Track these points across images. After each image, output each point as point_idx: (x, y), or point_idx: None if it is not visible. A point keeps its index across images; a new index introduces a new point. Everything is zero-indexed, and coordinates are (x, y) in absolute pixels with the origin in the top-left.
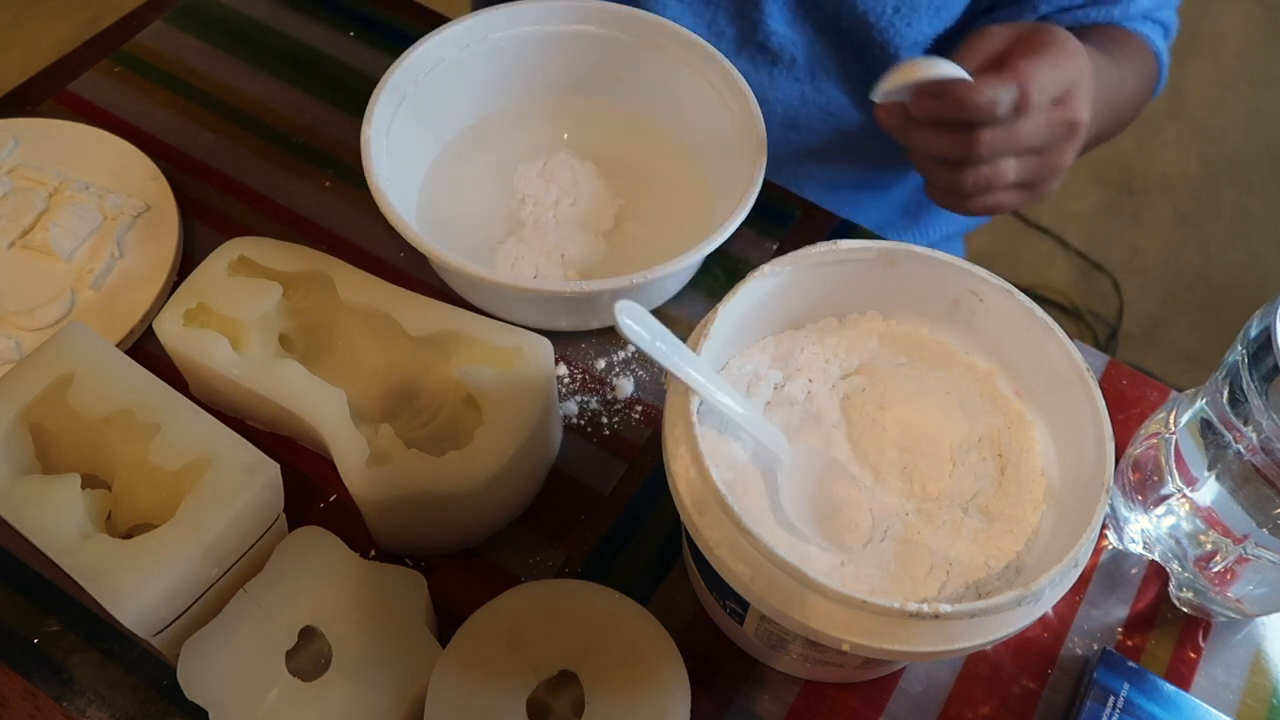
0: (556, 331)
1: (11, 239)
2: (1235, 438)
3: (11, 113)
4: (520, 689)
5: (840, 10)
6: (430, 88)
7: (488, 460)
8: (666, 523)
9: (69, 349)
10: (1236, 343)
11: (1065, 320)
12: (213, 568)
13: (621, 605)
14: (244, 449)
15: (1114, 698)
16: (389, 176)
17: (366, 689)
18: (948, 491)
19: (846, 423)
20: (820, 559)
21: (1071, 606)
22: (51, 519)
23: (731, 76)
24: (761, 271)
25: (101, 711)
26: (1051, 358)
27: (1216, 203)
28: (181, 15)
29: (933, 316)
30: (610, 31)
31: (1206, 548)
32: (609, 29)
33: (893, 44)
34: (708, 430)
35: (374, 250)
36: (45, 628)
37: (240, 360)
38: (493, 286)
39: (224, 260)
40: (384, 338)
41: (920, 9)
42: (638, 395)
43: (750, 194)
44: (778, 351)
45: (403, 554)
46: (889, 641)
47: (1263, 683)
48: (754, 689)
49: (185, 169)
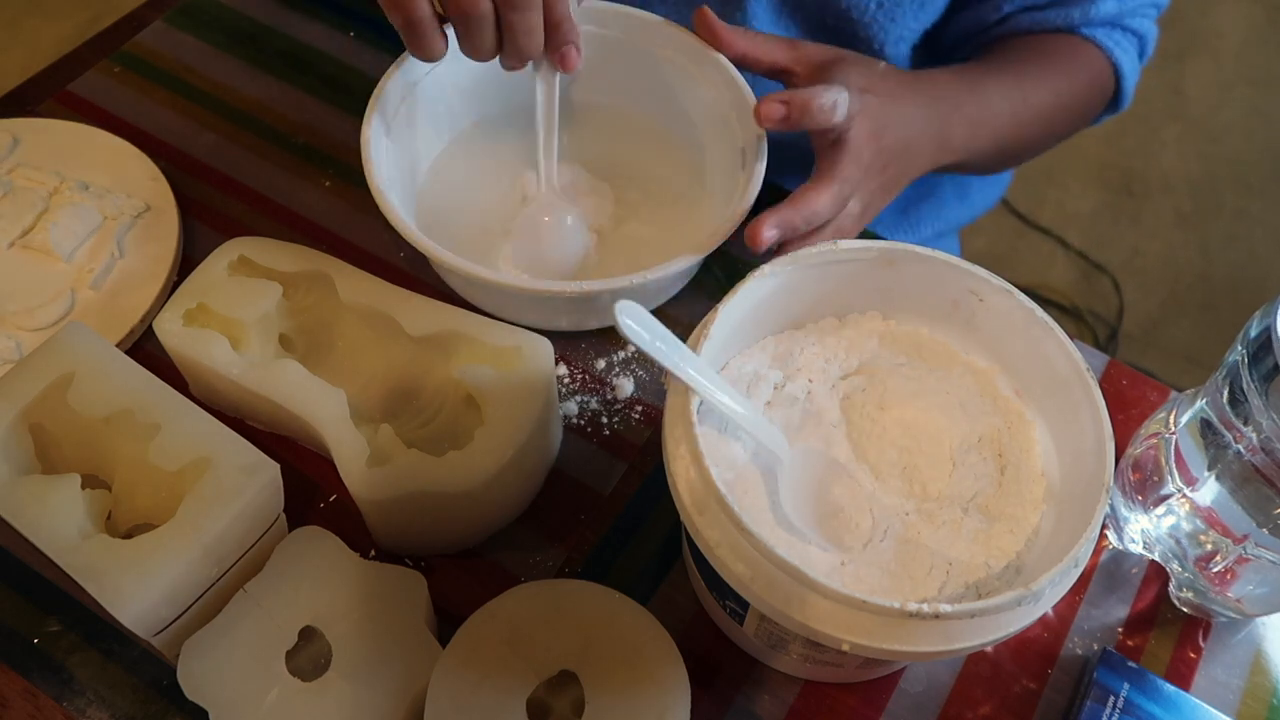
0: (556, 331)
1: (11, 239)
2: (1235, 438)
3: (11, 113)
4: (520, 689)
5: (824, 8)
6: (430, 88)
7: (488, 460)
8: (666, 523)
9: (69, 349)
10: (1236, 343)
11: (1065, 320)
12: (213, 568)
13: (621, 605)
14: (244, 449)
15: (1114, 698)
16: (389, 177)
17: (366, 689)
18: (948, 491)
19: (846, 423)
20: (820, 559)
21: (1071, 606)
22: (51, 519)
23: (730, 75)
24: (761, 271)
25: (101, 711)
26: (1051, 358)
27: (1216, 203)
28: (181, 15)
29: (933, 316)
30: (608, 31)
31: (1206, 548)
32: (607, 29)
33: (878, 40)
34: (708, 430)
35: (374, 250)
36: (45, 628)
37: (240, 360)
38: (493, 287)
39: (224, 260)
40: (384, 338)
41: (904, 5)
42: (638, 395)
43: (750, 193)
44: (778, 351)
45: (403, 554)
46: (889, 641)
47: (1263, 683)
48: (754, 689)
49: (185, 169)
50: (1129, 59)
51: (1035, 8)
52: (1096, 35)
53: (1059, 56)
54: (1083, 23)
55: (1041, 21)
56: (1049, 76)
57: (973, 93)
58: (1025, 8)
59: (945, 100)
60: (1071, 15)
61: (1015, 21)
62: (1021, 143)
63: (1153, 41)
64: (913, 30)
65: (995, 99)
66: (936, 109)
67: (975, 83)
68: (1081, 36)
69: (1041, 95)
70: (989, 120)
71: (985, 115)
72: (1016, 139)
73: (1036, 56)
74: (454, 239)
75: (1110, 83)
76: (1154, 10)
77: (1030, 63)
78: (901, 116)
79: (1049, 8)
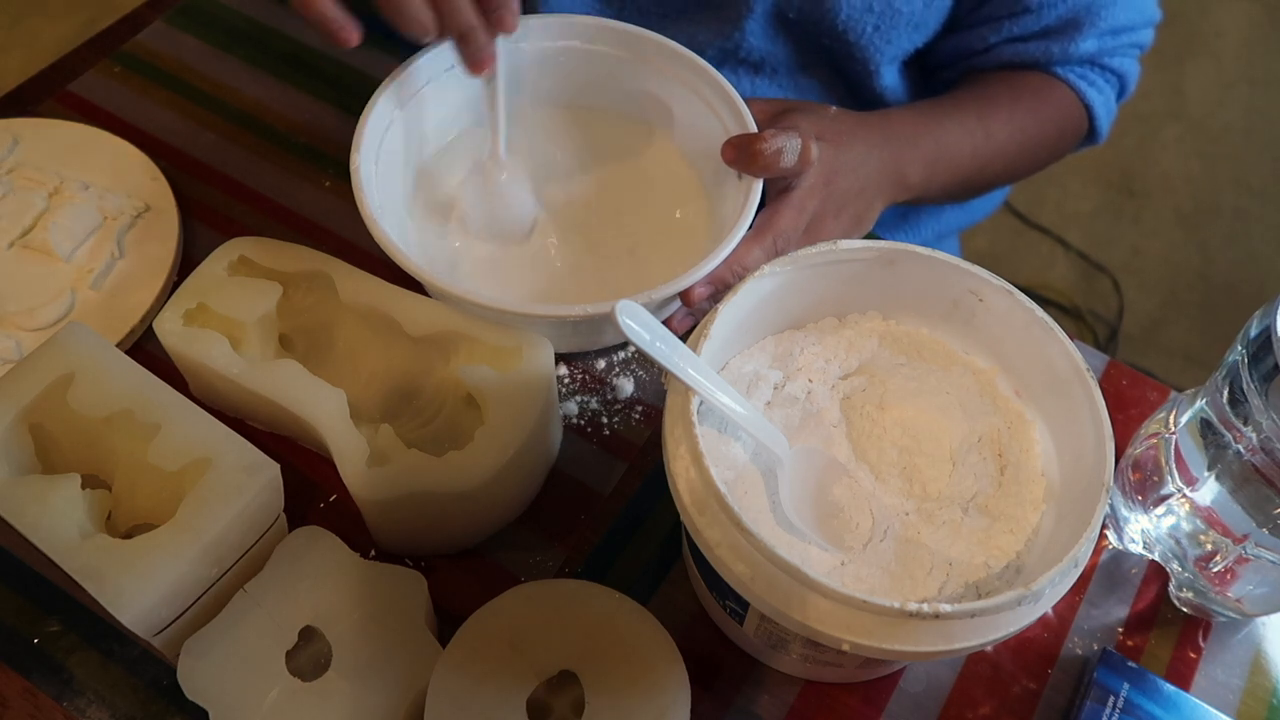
0: None
1: (11, 239)
2: (1235, 438)
3: (11, 113)
4: (520, 689)
5: (820, 29)
6: (418, 107)
7: (488, 460)
8: (666, 523)
9: (69, 349)
10: (1236, 343)
11: (1065, 320)
12: (213, 568)
13: (621, 605)
14: (244, 449)
15: (1114, 698)
16: (381, 204)
17: (366, 689)
18: (948, 491)
19: (846, 423)
20: (820, 559)
21: (1071, 606)
22: (51, 519)
23: (723, 89)
24: (761, 271)
25: (101, 711)
26: (1051, 358)
27: (1216, 203)
28: (181, 15)
29: (933, 316)
30: (600, 47)
31: (1206, 548)
32: (597, 44)
33: (873, 60)
34: (708, 430)
35: (374, 250)
36: (45, 628)
37: (240, 360)
38: (495, 313)
39: (224, 260)
40: (384, 338)
41: (899, 27)
42: (638, 395)
43: (750, 205)
44: (778, 351)
45: (403, 554)
46: (889, 641)
47: (1263, 683)
48: (754, 689)
49: (185, 169)
50: (1103, 99)
51: (1018, 40)
52: (1070, 76)
53: (1028, 95)
54: (1061, 59)
55: (1023, 53)
56: (1016, 115)
57: (930, 131)
58: (1008, 39)
59: (899, 138)
60: (1051, 50)
61: (998, 51)
62: (985, 177)
63: (1134, 80)
64: (905, 50)
65: (954, 136)
66: (890, 148)
67: (935, 121)
68: (1056, 76)
69: (1006, 133)
70: (948, 157)
71: (943, 152)
72: (979, 174)
73: (1006, 94)
74: (449, 259)
75: (1083, 121)
76: (1135, 50)
77: (998, 101)
78: (853, 159)
79: (1031, 40)
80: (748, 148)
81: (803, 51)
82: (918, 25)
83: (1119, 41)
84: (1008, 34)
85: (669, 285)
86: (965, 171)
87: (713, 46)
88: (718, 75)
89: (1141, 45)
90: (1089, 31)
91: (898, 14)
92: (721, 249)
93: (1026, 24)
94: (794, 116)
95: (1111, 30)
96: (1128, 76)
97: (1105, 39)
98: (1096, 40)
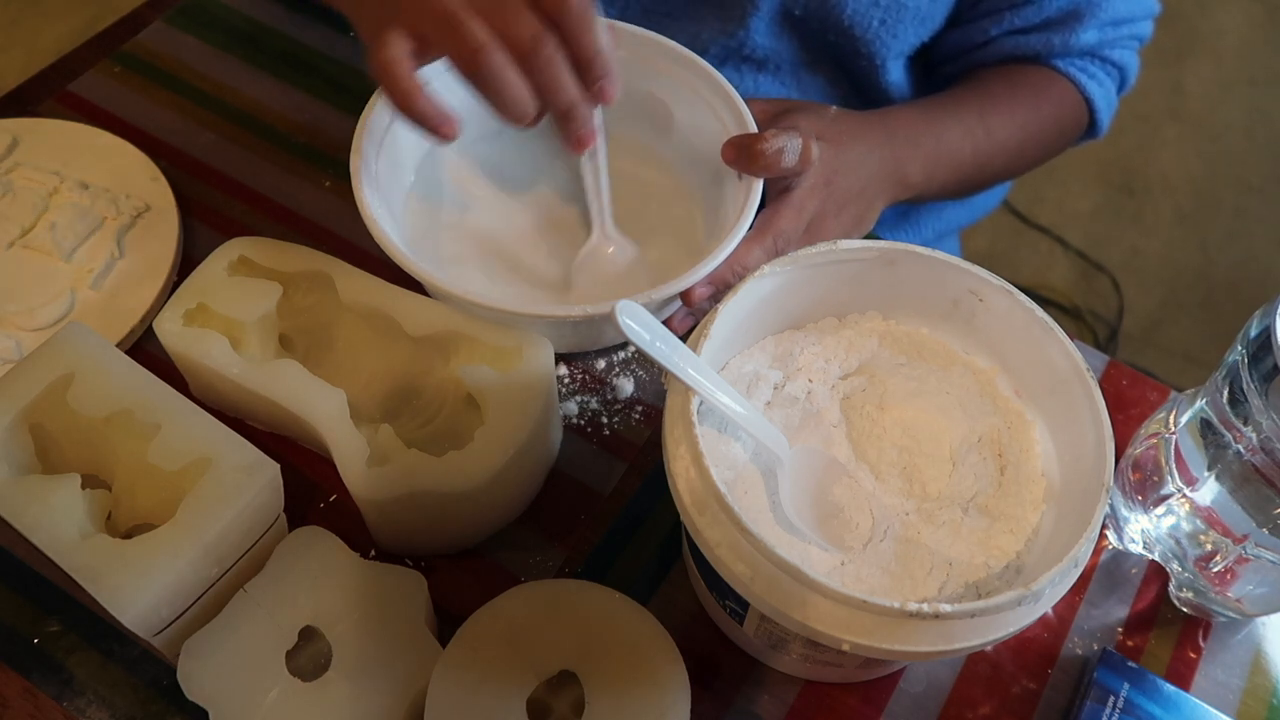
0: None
1: (11, 239)
2: (1235, 438)
3: (11, 113)
4: (520, 689)
5: (826, 25)
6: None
7: (488, 460)
8: (666, 523)
9: (69, 349)
10: (1236, 343)
11: (1065, 320)
12: (213, 568)
13: (621, 605)
14: (244, 449)
15: (1114, 698)
16: (381, 205)
17: (366, 689)
18: (948, 491)
19: (846, 423)
20: (820, 559)
21: (1071, 606)
22: (51, 519)
23: (723, 89)
24: (761, 271)
25: (101, 711)
26: (1051, 358)
27: (1216, 202)
28: (181, 15)
29: (933, 316)
30: None
31: (1206, 548)
32: None
33: (879, 55)
34: (708, 430)
35: (374, 250)
36: (45, 628)
37: (240, 360)
38: (495, 313)
39: (224, 260)
40: (384, 338)
41: (905, 21)
42: (638, 395)
43: (750, 205)
44: (778, 351)
45: (403, 554)
46: (889, 641)
47: (1263, 683)
48: (754, 689)
49: (185, 169)
50: (1103, 92)
51: (1019, 32)
52: (1070, 69)
53: (1028, 89)
54: (1062, 50)
55: (1024, 45)
56: (1016, 110)
57: (931, 130)
58: (1010, 31)
59: (900, 137)
60: (1052, 42)
61: (1000, 44)
62: (986, 174)
63: (1134, 73)
64: (911, 44)
65: (955, 134)
66: (890, 147)
67: (935, 119)
68: (1056, 70)
69: (1007, 129)
70: (948, 155)
71: (944, 151)
72: (979, 171)
73: (1006, 90)
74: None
75: (1084, 114)
76: (1135, 42)
77: (998, 96)
78: (854, 159)
79: (1032, 32)
80: (748, 148)
81: (808, 48)
82: (923, 19)
83: (1119, 33)
84: (1009, 26)
85: (669, 285)
86: (966, 169)
87: (716, 44)
88: (718, 75)
89: (1141, 38)
90: (1090, 23)
91: (904, 8)
92: (721, 249)
93: (1028, 15)
94: (794, 116)
95: (1112, 21)
96: (1128, 69)
97: (1106, 30)
98: (1097, 31)
